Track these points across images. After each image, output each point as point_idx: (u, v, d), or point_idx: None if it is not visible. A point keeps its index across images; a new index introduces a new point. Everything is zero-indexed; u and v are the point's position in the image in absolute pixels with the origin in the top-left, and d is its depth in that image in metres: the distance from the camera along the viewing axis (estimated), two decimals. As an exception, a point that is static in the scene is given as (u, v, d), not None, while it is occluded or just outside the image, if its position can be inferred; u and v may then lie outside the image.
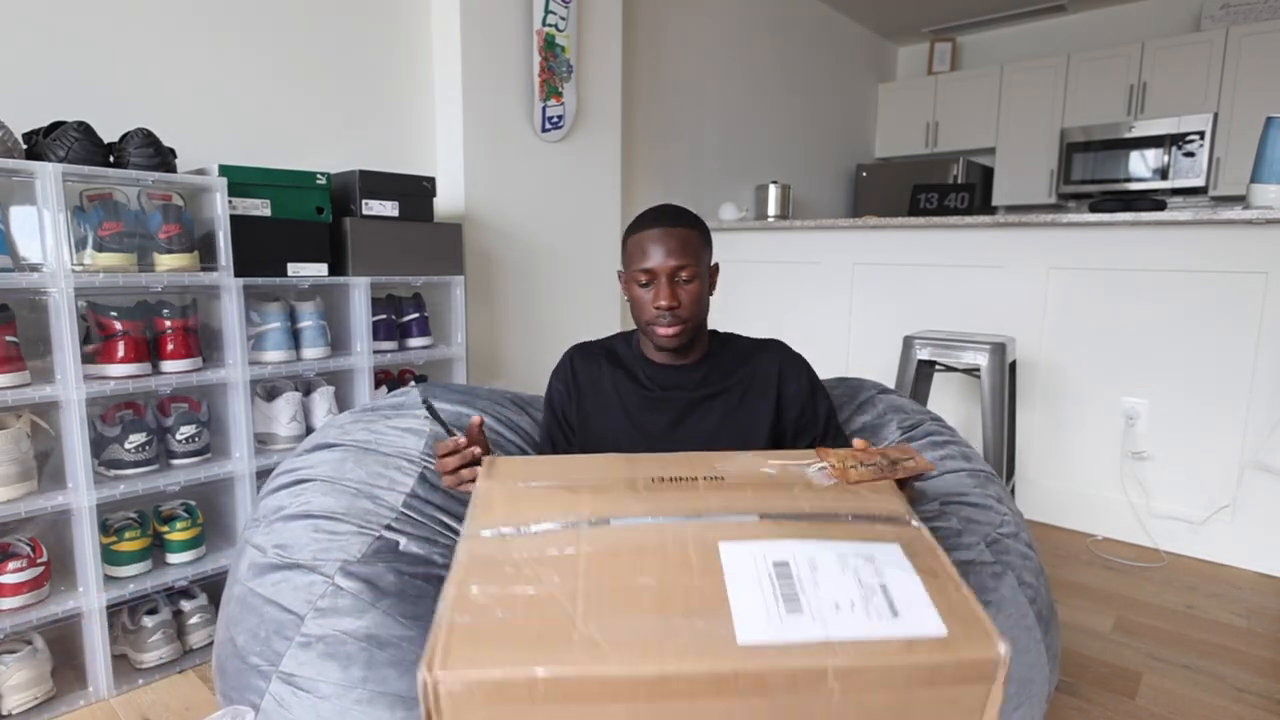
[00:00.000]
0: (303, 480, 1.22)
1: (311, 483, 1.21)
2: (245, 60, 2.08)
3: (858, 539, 0.73)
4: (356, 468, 1.22)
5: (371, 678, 0.98)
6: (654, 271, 1.15)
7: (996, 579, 1.17)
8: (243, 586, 1.12)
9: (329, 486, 1.19)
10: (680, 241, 1.15)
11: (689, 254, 1.16)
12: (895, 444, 1.43)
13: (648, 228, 1.17)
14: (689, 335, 1.21)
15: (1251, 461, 2.32)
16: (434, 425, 1.32)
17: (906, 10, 4.78)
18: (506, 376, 2.72)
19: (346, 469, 1.22)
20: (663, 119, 3.50)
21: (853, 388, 1.56)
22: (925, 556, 0.71)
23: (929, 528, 1.20)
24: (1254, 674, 1.73)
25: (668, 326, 1.17)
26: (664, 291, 1.15)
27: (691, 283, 1.17)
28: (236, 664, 1.07)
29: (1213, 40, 4.08)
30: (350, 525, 1.13)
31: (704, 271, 1.20)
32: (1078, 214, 2.52)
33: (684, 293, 1.17)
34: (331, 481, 1.20)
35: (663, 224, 1.16)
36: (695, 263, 1.16)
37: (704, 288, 1.20)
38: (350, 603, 1.03)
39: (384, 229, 2.03)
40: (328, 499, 1.17)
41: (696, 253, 1.17)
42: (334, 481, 1.20)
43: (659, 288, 1.15)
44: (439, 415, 1.07)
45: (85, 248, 1.54)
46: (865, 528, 0.77)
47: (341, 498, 1.17)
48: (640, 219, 1.20)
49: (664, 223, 1.17)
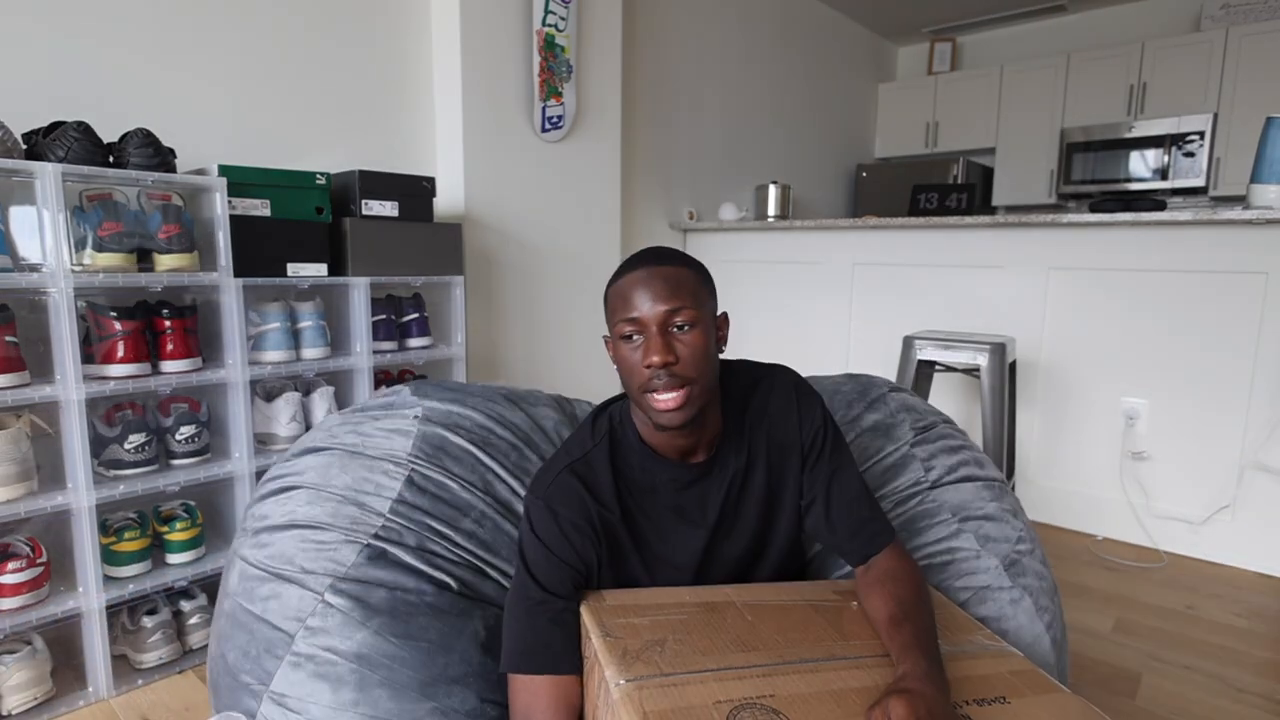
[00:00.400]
0: (289, 488, 1.21)
1: (298, 490, 1.19)
2: (245, 60, 2.08)
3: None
4: (343, 473, 1.20)
5: (363, 700, 0.97)
6: (641, 322, 0.91)
7: (1014, 605, 1.16)
8: (232, 601, 1.11)
9: (314, 494, 1.18)
10: (670, 283, 0.91)
11: (683, 295, 0.91)
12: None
13: (630, 272, 0.94)
14: (698, 403, 0.92)
15: (1251, 462, 2.32)
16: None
17: (906, 10, 4.78)
18: (506, 376, 2.72)
19: (332, 475, 1.20)
20: (663, 119, 3.50)
21: (863, 385, 1.53)
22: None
23: (945, 547, 1.21)
24: (1254, 674, 1.73)
25: (666, 391, 0.90)
26: (656, 344, 0.89)
27: (690, 330, 0.91)
28: (229, 681, 1.06)
29: (1213, 40, 4.08)
30: (337, 534, 1.12)
31: (706, 316, 0.94)
32: (1078, 214, 2.52)
33: (681, 344, 0.91)
34: (317, 489, 1.18)
35: (648, 264, 0.93)
36: (693, 305, 0.91)
37: (708, 338, 0.93)
38: (340, 621, 1.02)
39: (384, 229, 2.03)
40: (314, 508, 1.15)
41: (693, 294, 0.92)
42: (320, 488, 1.18)
43: (649, 341, 0.90)
44: None
45: (85, 248, 1.54)
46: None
47: (328, 505, 1.16)
48: (621, 267, 0.96)
49: (649, 262, 0.93)
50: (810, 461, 1.05)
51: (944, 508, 1.29)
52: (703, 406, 0.94)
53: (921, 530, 1.26)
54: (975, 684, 0.89)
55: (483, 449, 1.29)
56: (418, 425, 1.29)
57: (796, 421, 1.05)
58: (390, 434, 1.28)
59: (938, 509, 1.28)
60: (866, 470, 1.37)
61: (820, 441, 1.05)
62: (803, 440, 1.05)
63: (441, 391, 1.39)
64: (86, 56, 1.80)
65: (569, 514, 0.98)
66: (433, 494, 1.21)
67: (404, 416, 1.31)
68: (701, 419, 0.98)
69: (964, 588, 1.17)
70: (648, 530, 1.03)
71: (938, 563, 1.21)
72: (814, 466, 1.05)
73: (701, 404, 0.94)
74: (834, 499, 1.04)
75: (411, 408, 1.34)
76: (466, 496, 1.23)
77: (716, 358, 0.97)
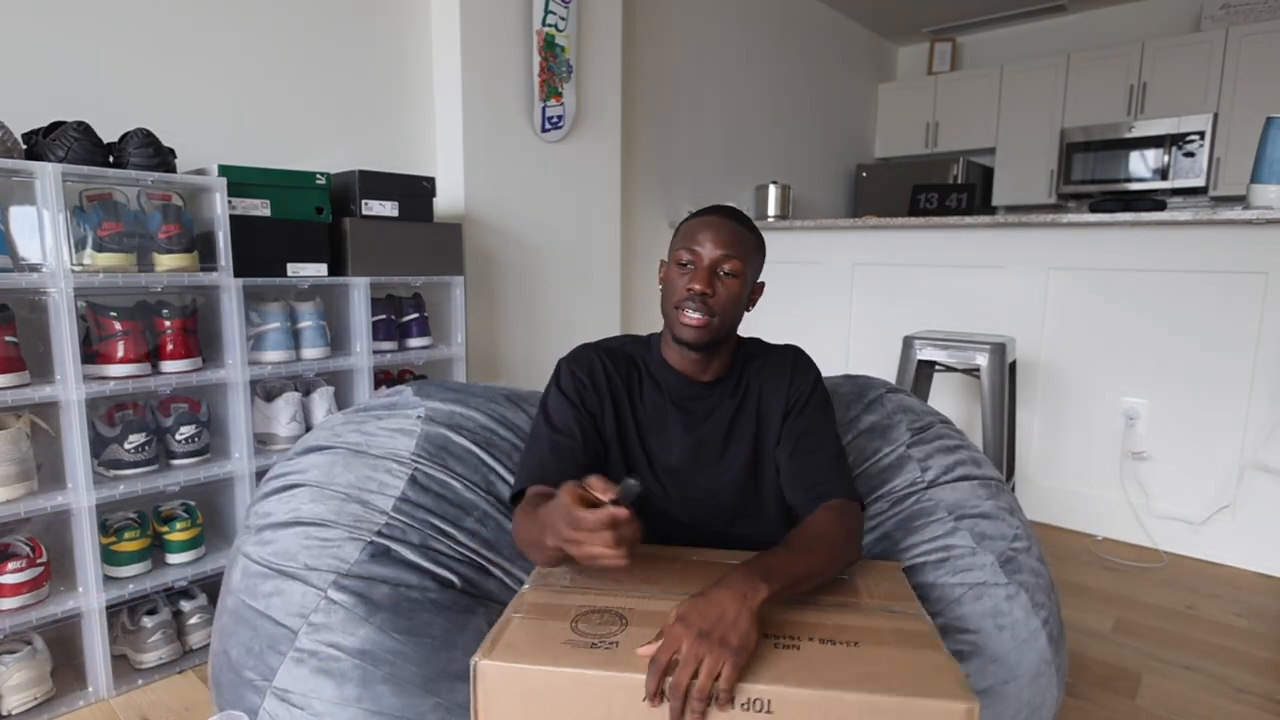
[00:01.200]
0: (292, 486, 1.21)
1: (301, 488, 1.20)
2: (245, 60, 2.08)
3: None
4: (346, 471, 1.21)
5: (366, 696, 0.97)
6: (698, 255, 1.09)
7: (1010, 601, 1.16)
8: (235, 598, 1.11)
9: (318, 492, 1.18)
10: (733, 235, 1.09)
11: (739, 250, 1.09)
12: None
13: (705, 215, 1.12)
14: (713, 334, 1.10)
15: (1251, 462, 2.32)
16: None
17: (906, 10, 4.78)
18: (506, 376, 2.72)
19: (336, 473, 1.21)
20: (663, 119, 3.50)
21: (860, 386, 1.54)
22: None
23: (941, 544, 1.21)
24: (1254, 674, 1.73)
25: (694, 313, 1.07)
26: (702, 276, 1.07)
27: (732, 278, 1.09)
28: (231, 677, 1.06)
29: (1213, 40, 4.08)
30: (341, 531, 1.12)
31: (749, 275, 1.12)
32: (1078, 214, 2.52)
33: (721, 285, 1.08)
34: (321, 486, 1.19)
35: (722, 215, 1.11)
36: (743, 260, 1.09)
37: (743, 291, 1.11)
38: (343, 617, 1.02)
39: (384, 229, 2.03)
40: (318, 505, 1.16)
41: (746, 253, 1.10)
42: (323, 486, 1.19)
43: (698, 272, 1.08)
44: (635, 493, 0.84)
45: (85, 248, 1.54)
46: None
47: (331, 503, 1.16)
48: (700, 210, 1.15)
49: (723, 214, 1.12)
50: (791, 415, 1.16)
51: (940, 506, 1.29)
52: (717, 339, 1.11)
53: (918, 528, 1.26)
54: (840, 630, 0.87)
55: (485, 449, 1.30)
56: (421, 425, 1.30)
57: (788, 383, 1.18)
58: (394, 433, 1.28)
59: (934, 507, 1.29)
60: (863, 471, 1.37)
61: (803, 401, 1.16)
62: (789, 397, 1.17)
63: (444, 392, 1.39)
64: (86, 56, 1.80)
65: (582, 372, 1.16)
66: (436, 493, 1.22)
67: (407, 416, 1.32)
68: (712, 350, 1.13)
69: (960, 584, 1.17)
70: (647, 418, 1.17)
71: (934, 559, 1.21)
72: (794, 420, 1.16)
73: (717, 336, 1.10)
74: (799, 449, 1.13)
75: (414, 408, 1.34)
76: (469, 496, 1.24)
77: (741, 310, 1.12)
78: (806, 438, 1.14)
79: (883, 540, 1.27)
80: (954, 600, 1.15)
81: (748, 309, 1.15)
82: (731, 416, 1.17)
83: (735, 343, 1.20)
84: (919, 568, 1.20)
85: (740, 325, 1.17)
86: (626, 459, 1.16)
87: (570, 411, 1.13)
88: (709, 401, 1.18)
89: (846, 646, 0.84)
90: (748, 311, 1.15)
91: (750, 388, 1.18)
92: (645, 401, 1.18)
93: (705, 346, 1.11)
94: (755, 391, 1.18)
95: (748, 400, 1.18)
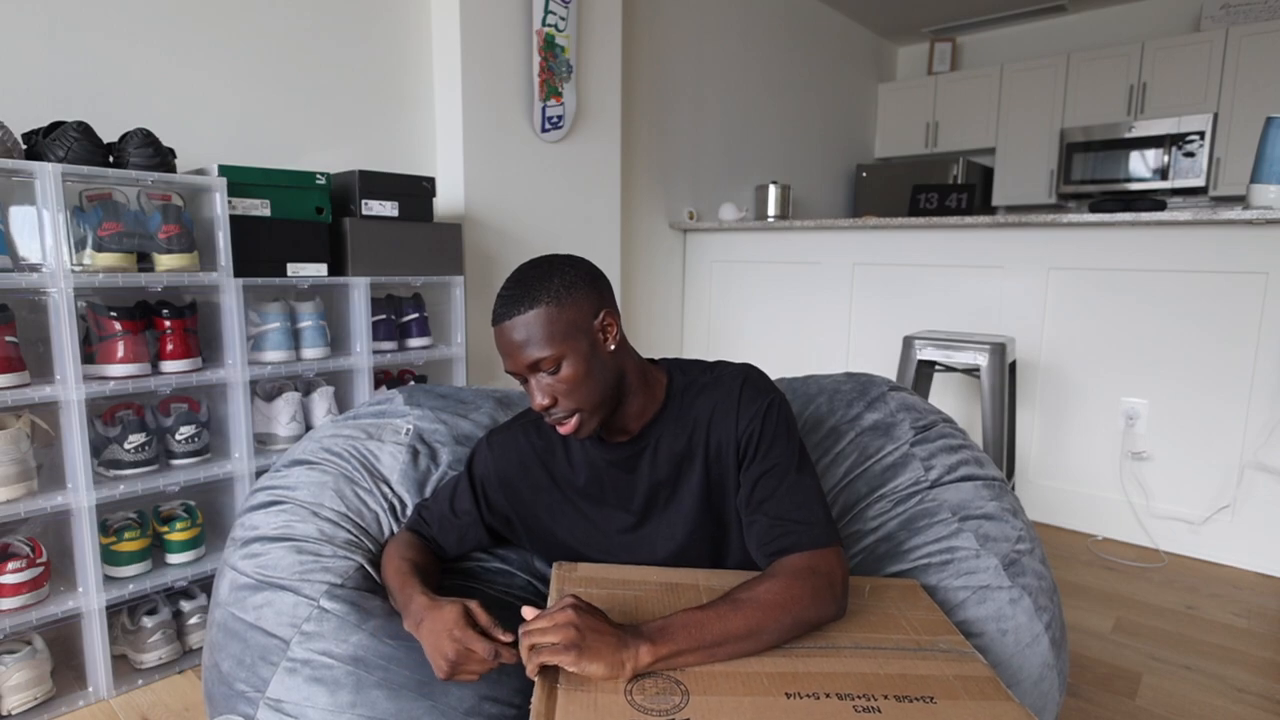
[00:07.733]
0: (279, 501, 1.21)
1: (288, 504, 1.20)
2: (245, 60, 2.08)
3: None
4: (334, 489, 1.21)
5: (360, 701, 0.97)
6: (515, 374, 0.98)
7: (1014, 605, 1.16)
8: (224, 611, 1.11)
9: (306, 511, 1.19)
10: (521, 337, 0.94)
11: (536, 345, 0.93)
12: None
13: (494, 323, 0.97)
14: (593, 417, 0.99)
15: (1251, 461, 2.32)
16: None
17: (906, 10, 4.78)
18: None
19: (325, 495, 1.21)
20: (663, 119, 3.50)
21: (862, 384, 1.53)
22: None
23: (945, 546, 1.20)
24: (1254, 674, 1.73)
25: (560, 422, 0.98)
26: (531, 391, 0.97)
27: (557, 369, 0.95)
28: (224, 690, 1.06)
29: (1213, 40, 4.08)
30: (330, 548, 1.13)
31: (575, 349, 0.95)
32: (1078, 214, 2.52)
33: (554, 386, 0.96)
34: (308, 506, 1.20)
35: (499, 319, 0.96)
36: (551, 348, 0.93)
37: (583, 367, 0.96)
38: (336, 625, 1.02)
39: (384, 229, 2.03)
40: (306, 525, 1.16)
41: (548, 337, 0.94)
42: (311, 506, 1.20)
43: (528, 387, 0.98)
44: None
45: (85, 248, 1.54)
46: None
47: (320, 523, 1.17)
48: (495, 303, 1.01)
49: (500, 317, 0.96)
50: (746, 459, 1.03)
51: (944, 507, 1.29)
52: (603, 415, 1.00)
53: (921, 529, 1.26)
54: (908, 682, 0.84)
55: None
56: (408, 440, 1.31)
57: (735, 415, 1.03)
58: (380, 447, 1.29)
59: (937, 508, 1.28)
60: (865, 469, 1.37)
61: (755, 438, 1.01)
62: (739, 435, 1.02)
63: (433, 399, 1.39)
64: (87, 56, 1.80)
65: (505, 464, 1.12)
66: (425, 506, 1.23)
67: (395, 430, 1.33)
68: (609, 420, 1.03)
69: (963, 587, 1.17)
70: (586, 484, 1.09)
71: (937, 562, 1.21)
72: (749, 466, 1.02)
73: (600, 417, 1.00)
74: (754, 499, 1.01)
75: (403, 416, 1.35)
76: (459, 508, 1.25)
77: (603, 371, 0.98)
78: (764, 482, 1.00)
79: (886, 540, 1.27)
80: (958, 604, 1.15)
81: (612, 351, 1.00)
82: (679, 457, 1.05)
83: (652, 380, 1.06)
84: (923, 570, 1.20)
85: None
86: (573, 530, 1.10)
87: (470, 500, 1.13)
88: (643, 448, 1.06)
89: (924, 703, 0.80)
90: (614, 349, 1.00)
91: (699, 419, 1.05)
92: (576, 468, 1.09)
93: (598, 428, 1.01)
94: (704, 421, 1.04)
95: (695, 434, 1.04)
